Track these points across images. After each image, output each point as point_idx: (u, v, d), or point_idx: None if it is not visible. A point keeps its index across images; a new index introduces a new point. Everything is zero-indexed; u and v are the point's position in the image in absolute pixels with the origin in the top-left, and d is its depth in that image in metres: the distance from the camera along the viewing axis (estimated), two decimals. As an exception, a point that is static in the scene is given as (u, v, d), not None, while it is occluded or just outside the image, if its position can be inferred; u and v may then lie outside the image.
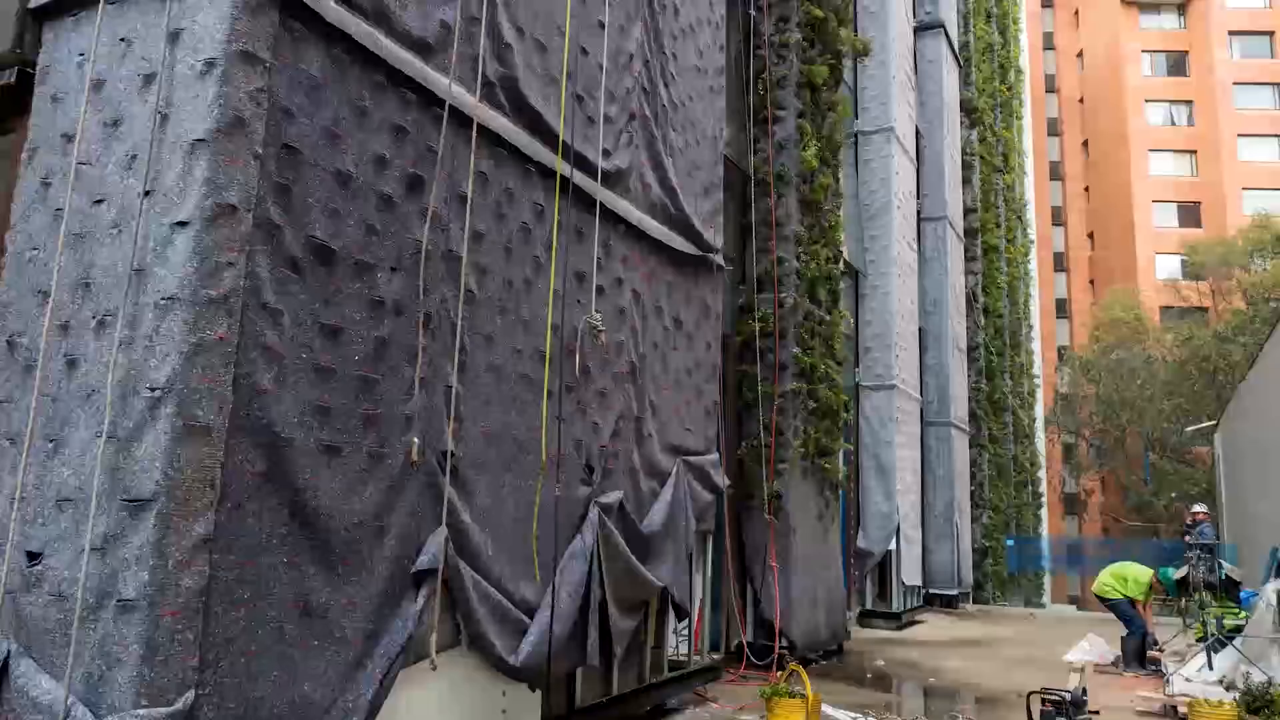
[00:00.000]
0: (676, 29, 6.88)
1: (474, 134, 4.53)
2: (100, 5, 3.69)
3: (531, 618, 4.75)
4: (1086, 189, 52.02)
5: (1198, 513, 11.51)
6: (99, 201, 3.48)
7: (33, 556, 3.22)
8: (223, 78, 3.35)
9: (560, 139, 5.21)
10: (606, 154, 5.77)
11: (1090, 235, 51.07)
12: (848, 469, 12.18)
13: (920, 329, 15.35)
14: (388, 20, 4.08)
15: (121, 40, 3.63)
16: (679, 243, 6.74)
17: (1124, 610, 10.17)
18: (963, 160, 18.49)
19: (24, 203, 3.71)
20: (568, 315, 5.29)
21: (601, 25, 5.80)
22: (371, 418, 3.86)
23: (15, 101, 3.94)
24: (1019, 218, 25.16)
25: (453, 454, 4.29)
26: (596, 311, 5.55)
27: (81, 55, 3.72)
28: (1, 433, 3.48)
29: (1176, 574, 10.54)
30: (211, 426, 3.15)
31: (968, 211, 18.78)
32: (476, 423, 4.51)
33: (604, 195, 5.71)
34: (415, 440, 4.04)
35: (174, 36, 3.48)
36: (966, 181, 18.86)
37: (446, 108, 4.34)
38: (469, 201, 4.50)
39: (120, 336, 3.24)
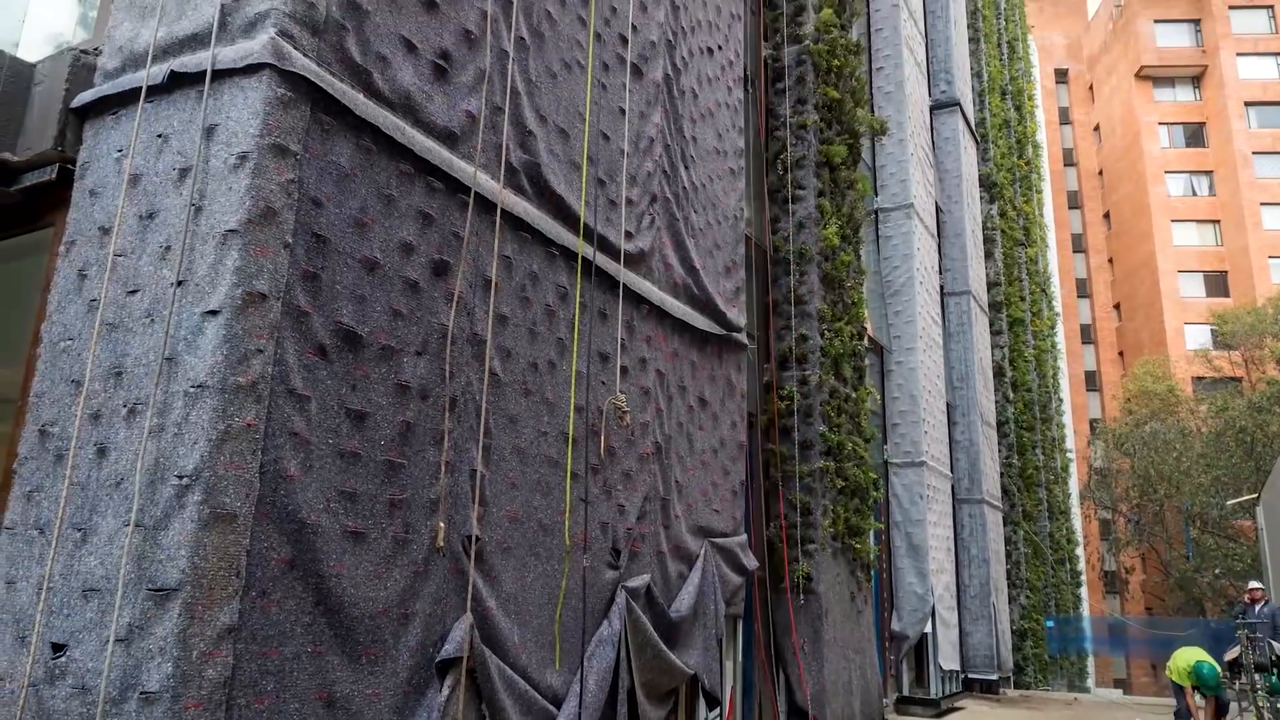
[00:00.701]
0: (696, 113, 7.03)
1: (498, 219, 4.61)
2: (140, 103, 3.82)
3: (559, 707, 4.63)
4: (1110, 260, 51.98)
5: (1254, 590, 11.16)
6: (133, 292, 3.55)
7: (57, 648, 3.20)
8: (255, 170, 3.44)
9: (582, 222, 5.29)
10: (629, 236, 5.85)
11: (1116, 306, 50.83)
12: (879, 549, 11.95)
13: (948, 404, 15.20)
14: (415, 112, 4.20)
15: (159, 136, 3.75)
16: (702, 322, 6.77)
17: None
18: (984, 234, 18.57)
19: (60, 294, 3.80)
20: (592, 396, 5.29)
21: (622, 111, 5.94)
22: (397, 503, 3.84)
23: (55, 196, 4.06)
24: (1043, 291, 25.11)
25: (477, 538, 4.26)
26: (621, 392, 5.55)
27: (120, 151, 3.84)
28: (31, 522, 3.50)
29: (1228, 655, 10.17)
30: (238, 514, 3.15)
31: (991, 285, 18.78)
32: (501, 506, 4.48)
33: (627, 276, 5.76)
34: (440, 525, 4.01)
35: (209, 132, 3.60)
36: (989, 255, 18.91)
37: (472, 194, 4.43)
38: (494, 285, 4.55)
39: (150, 425, 3.27)
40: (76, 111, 4.05)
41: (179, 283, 3.42)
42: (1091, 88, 55.84)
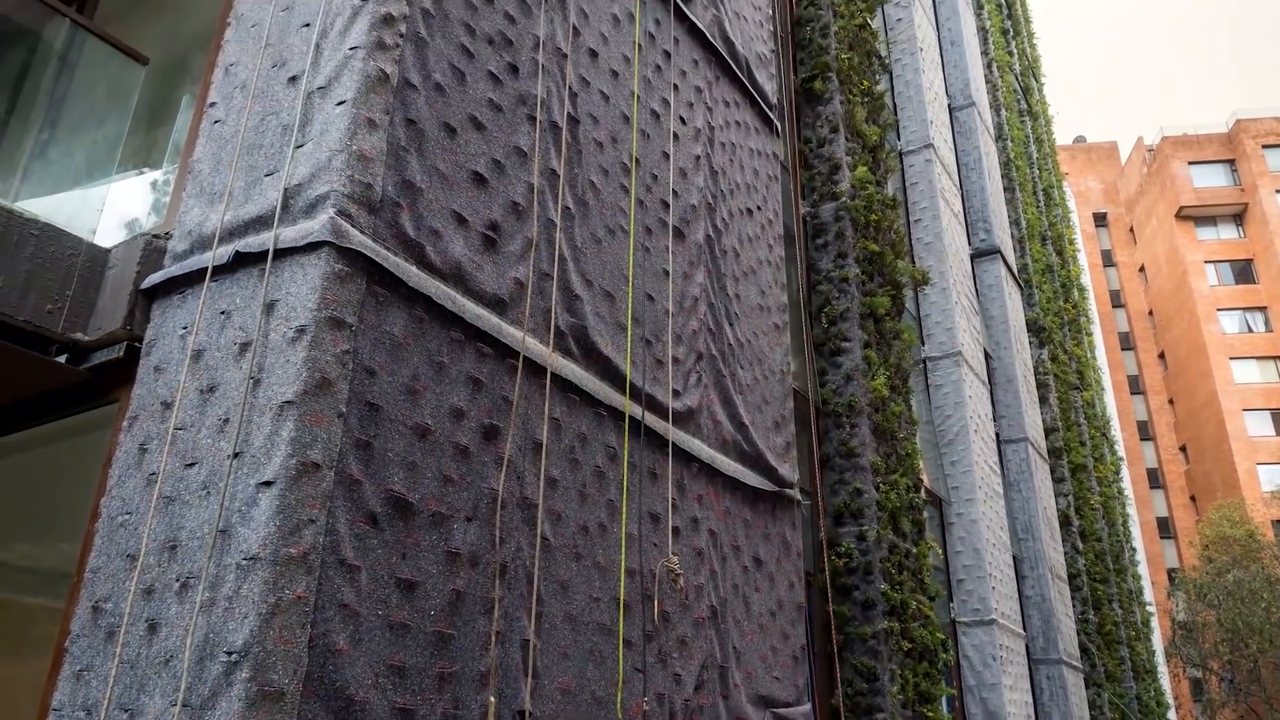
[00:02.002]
0: (738, 271, 7.18)
1: (548, 382, 4.67)
2: (205, 282, 4.01)
3: None
4: (1171, 401, 50.88)
5: None
6: (191, 464, 3.61)
7: (94, 839, 3.08)
8: (312, 342, 3.54)
9: (629, 382, 5.34)
10: (676, 394, 5.87)
11: (1183, 449, 49.32)
12: (952, 716, 11.25)
13: (1014, 557, 14.62)
14: (465, 281, 4.34)
15: (222, 313, 3.90)
16: (754, 479, 6.68)
17: None
18: (1037, 380, 18.35)
19: (120, 468, 3.87)
20: (644, 559, 5.18)
21: (666, 273, 6.09)
22: (446, 676, 3.73)
23: (122, 373, 4.21)
24: (1103, 435, 24.52)
25: (530, 714, 4.09)
26: (673, 554, 5.43)
27: (185, 328, 4.00)
28: (79, 703, 3.44)
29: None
30: (285, 691, 3.07)
31: (1048, 431, 18.39)
32: (553, 678, 4.33)
33: (675, 435, 5.74)
34: (491, 700, 3.87)
35: (269, 307, 3.74)
36: (1043, 401, 18.62)
37: (521, 359, 4.50)
38: (543, 448, 4.56)
39: (202, 599, 3.25)
40: (146, 292, 4.25)
41: (235, 454, 3.47)
42: (1132, 230, 56.31)
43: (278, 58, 4.45)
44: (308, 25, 4.40)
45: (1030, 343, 18.74)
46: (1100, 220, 57.80)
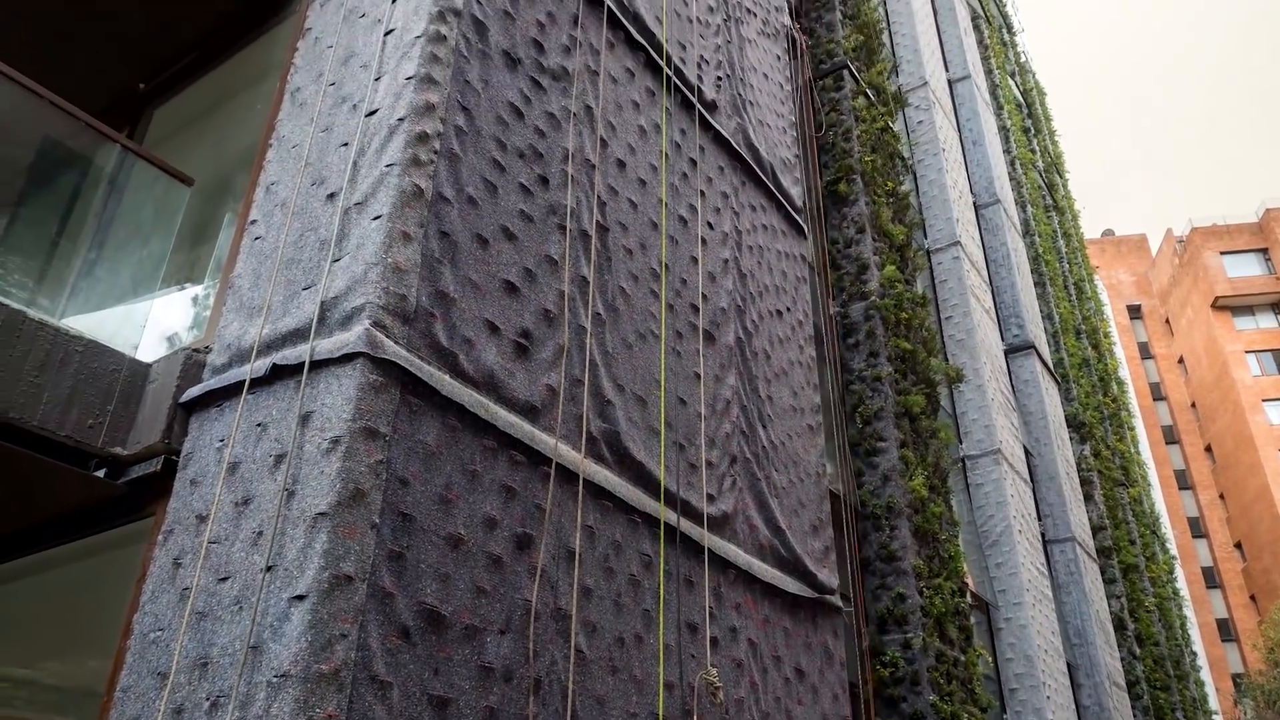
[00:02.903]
0: (770, 373, 7.16)
1: (580, 489, 4.63)
2: (243, 395, 4.06)
3: None
4: (1221, 496, 49.40)
5: None
6: (224, 579, 3.59)
7: None
8: (346, 453, 3.55)
9: (663, 487, 5.28)
10: (711, 498, 5.79)
11: (1238, 545, 47.64)
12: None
13: (1068, 664, 14.02)
14: (498, 389, 4.36)
15: (258, 425, 3.94)
16: (792, 585, 6.51)
17: None
18: (1080, 477, 17.93)
19: (154, 583, 3.85)
20: (683, 671, 5.02)
21: (697, 376, 6.08)
22: (478, 798, 3.59)
23: (158, 487, 4.24)
24: (1154, 533, 23.77)
25: (564, 837, 3.91)
26: (712, 666, 5.26)
27: (221, 441, 4.03)
28: (101, 830, 3.34)
29: None
30: (311, 816, 2.96)
31: (1096, 530, 17.87)
32: (590, 798, 4.15)
33: (711, 541, 5.64)
34: (524, 822, 3.71)
35: (305, 419, 3.77)
36: (1088, 499, 18.15)
37: (554, 465, 4.48)
38: (577, 556, 4.49)
39: (232, 719, 3.18)
40: (184, 405, 4.31)
41: (269, 568, 3.45)
42: (1168, 321, 55.81)
43: (317, 176, 4.61)
44: (346, 144, 4.56)
45: (1071, 438, 18.40)
46: (1135, 312, 57.42)
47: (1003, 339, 16.50)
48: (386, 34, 4.83)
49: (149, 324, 5.08)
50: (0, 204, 4.64)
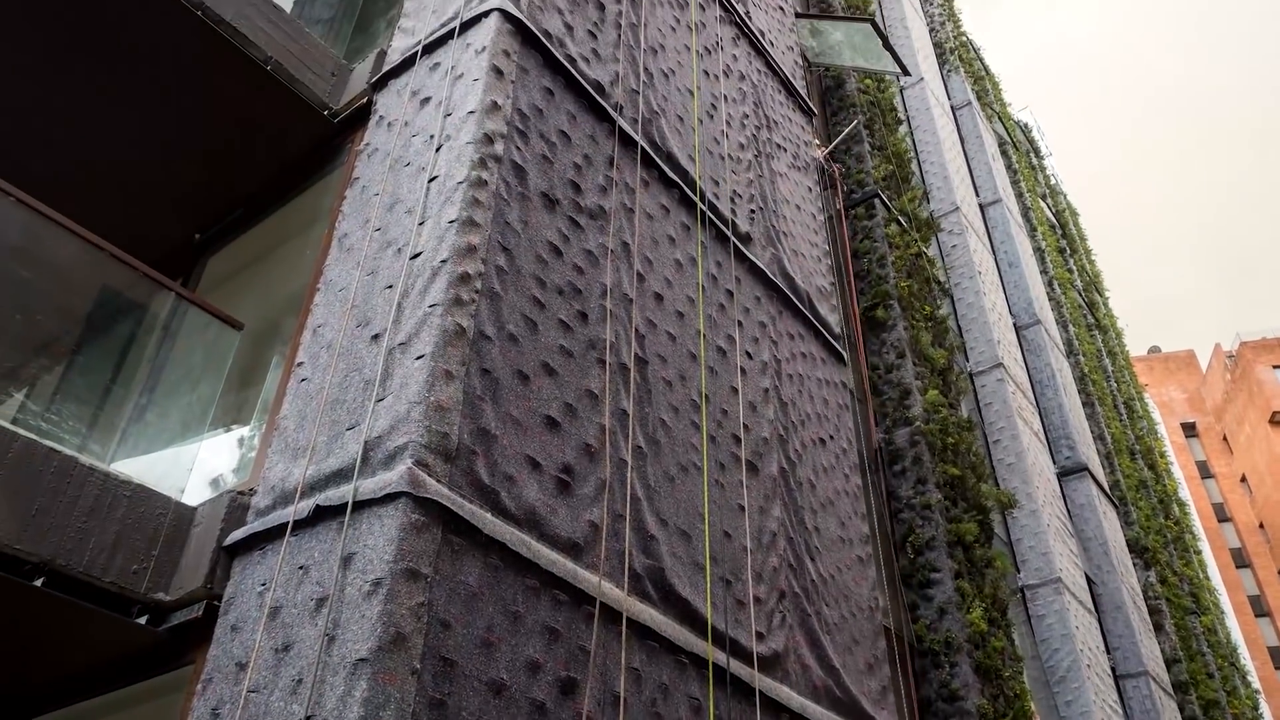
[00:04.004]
0: (816, 503, 7.02)
1: (624, 629, 4.49)
2: (285, 537, 4.04)
3: None
4: (1300, 623, 46.80)
5: None
6: (259, 730, 3.48)
7: None
8: (388, 596, 3.49)
9: (710, 626, 5.10)
10: (760, 636, 5.58)
11: (1323, 676, 44.79)
12: None
13: (1151, 808, 13.01)
14: (539, 525, 4.30)
15: (300, 568, 3.90)
16: (850, 726, 6.18)
17: None
18: (1148, 605, 17.11)
19: (190, 736, 3.76)
20: (736, 824, 4.73)
21: (742, 508, 5.97)
22: None
23: (199, 633, 4.18)
24: (1232, 664, 22.43)
25: None
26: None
27: (263, 585, 3.99)
28: None
29: None
30: None
31: (1170, 663, 16.90)
32: None
33: (763, 682, 5.40)
34: None
35: (346, 561, 3.73)
36: (1159, 629, 17.25)
37: (598, 605, 4.36)
38: (622, 701, 4.31)
39: None
40: (228, 549, 4.30)
41: (308, 718, 3.35)
42: (1225, 438, 54.28)
43: (362, 318, 4.72)
44: (390, 287, 4.69)
45: (1134, 565, 17.66)
46: (1190, 430, 56.00)
47: (1054, 462, 16.10)
48: (430, 180, 5.03)
49: (195, 466, 5.14)
50: (58, 352, 4.80)
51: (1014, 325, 17.13)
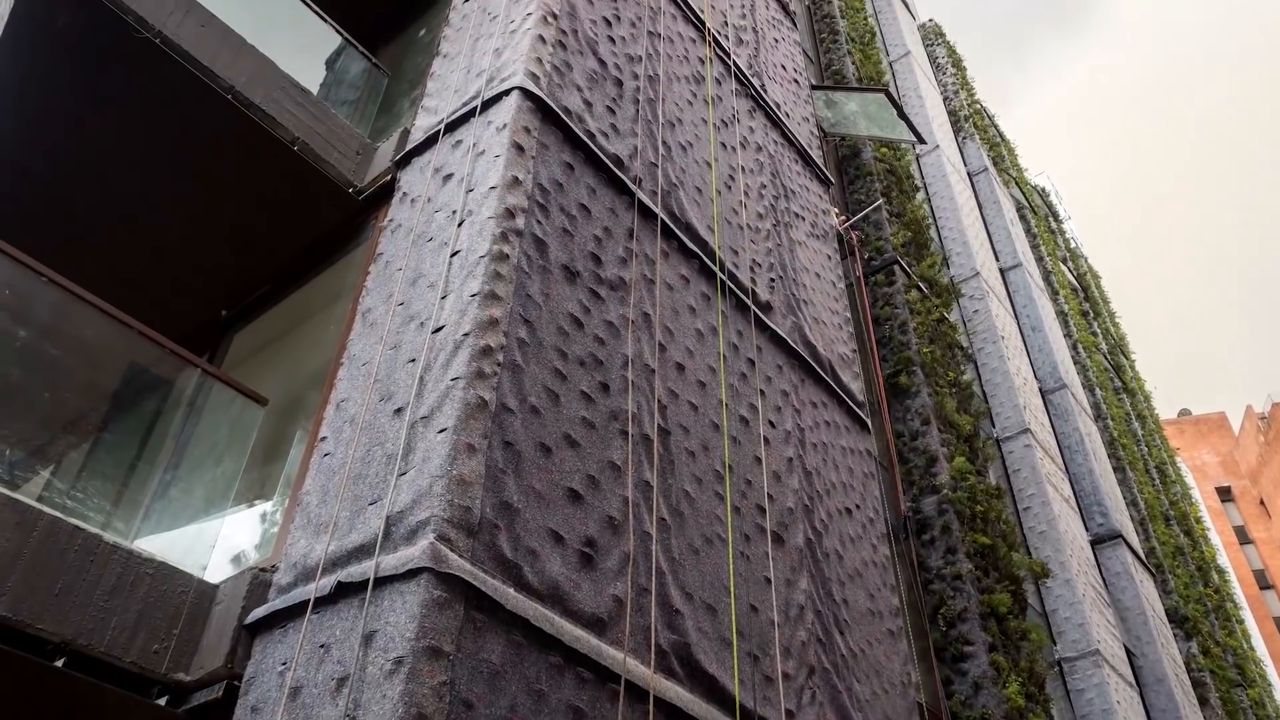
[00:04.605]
0: (843, 575, 6.88)
1: (650, 708, 4.37)
2: (306, 615, 4.00)
3: None
4: (1353, 695, 45.04)
5: None
6: (276, 817, 3.40)
7: None
8: (409, 675, 3.43)
9: (738, 703, 4.97)
10: (790, 715, 5.42)
11: (1379, 751, 42.89)
12: None
13: None
14: (563, 601, 4.23)
15: (321, 646, 3.85)
16: (886, 809, 5.96)
17: None
18: (1191, 678, 16.54)
19: (206, 822, 3.67)
20: None
21: (768, 581, 5.86)
22: None
23: (219, 714, 4.11)
24: (1282, 739, 21.56)
25: None
26: None
27: (284, 665, 3.94)
28: None
29: None
30: None
31: (1217, 737, 16.28)
32: None
33: (794, 760, 5.23)
34: None
35: (368, 639, 3.67)
36: (1204, 703, 16.65)
37: (623, 683, 4.26)
38: (649, 783, 4.18)
39: None
40: (249, 627, 4.25)
41: (323, 804, 3.26)
42: (1263, 502, 53.05)
43: (385, 392, 4.74)
44: (413, 361, 4.71)
45: (1175, 635, 17.13)
46: (1225, 495, 54.81)
47: (1086, 529, 15.77)
48: (453, 255, 5.09)
49: (218, 543, 5.12)
50: (85, 430, 4.84)
51: (1039, 390, 16.96)
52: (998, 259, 19.33)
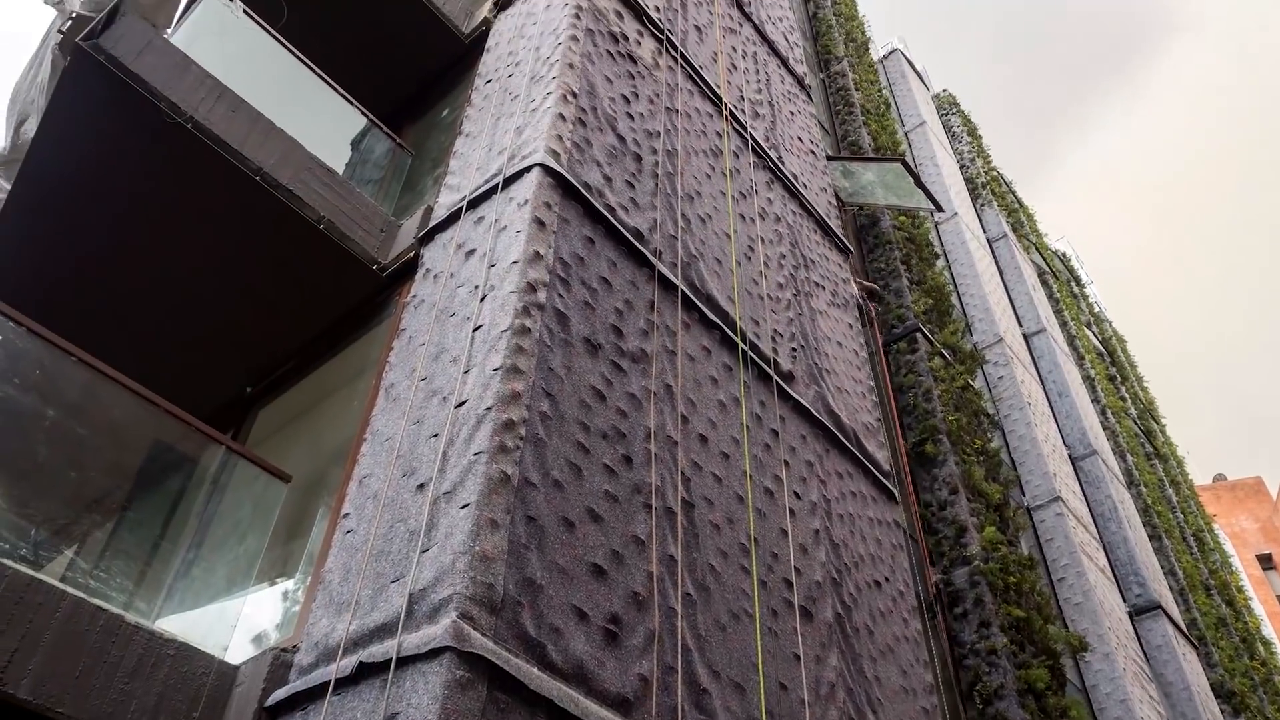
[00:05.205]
0: (874, 651, 6.71)
1: (679, 792, 4.23)
2: (327, 696, 3.92)
3: None
4: None
5: None
6: None
7: None
8: (428, 761, 3.34)
9: (771, 786, 4.80)
10: (824, 797, 5.23)
11: None
12: None
13: None
14: (588, 680, 4.14)
15: (341, 731, 3.77)
16: None
17: None
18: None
19: None
20: None
21: (797, 658, 5.72)
22: None
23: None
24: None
25: None
26: None
27: (303, 748, 3.85)
28: None
29: None
30: None
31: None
32: None
33: None
34: None
35: (388, 722, 3.59)
36: (1255, 781, 15.96)
37: (648, 766, 4.13)
38: None
39: None
40: (270, 709, 4.18)
41: None
42: (1298, 556, 51.57)
43: (408, 467, 4.72)
44: (436, 435, 4.71)
45: (1223, 711, 16.50)
46: (1266, 562, 53.30)
47: (1124, 600, 15.35)
48: (475, 329, 5.12)
49: (240, 622, 5.07)
50: (109, 508, 4.85)
51: (1069, 457, 16.71)
52: (1021, 324, 19.25)
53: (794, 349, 7.95)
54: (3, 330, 4.58)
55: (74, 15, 6.89)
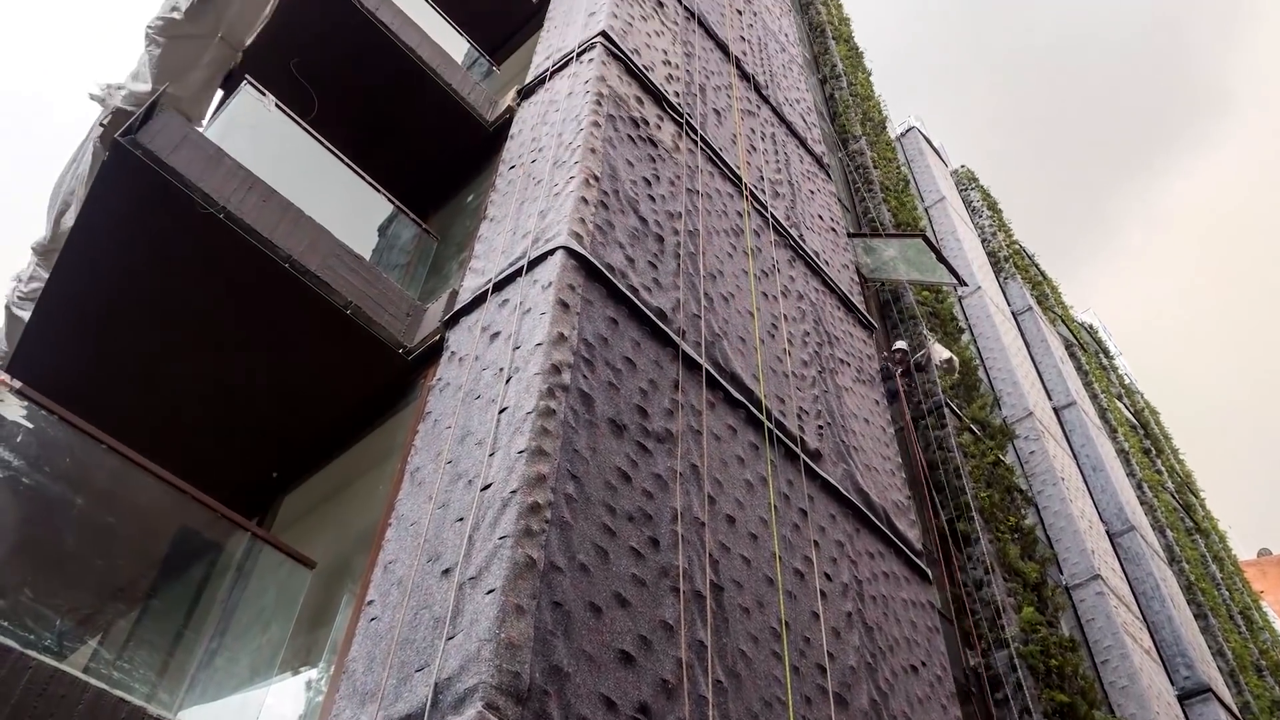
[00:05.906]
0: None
1: None
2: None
3: None
4: None
5: None
6: None
7: None
8: None
9: None
10: None
11: None
12: None
13: None
14: (616, 775, 4.00)
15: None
16: None
17: None
18: None
19: None
20: None
21: (835, 747, 5.51)
22: None
23: None
24: None
25: None
26: None
27: None
28: None
29: None
30: None
31: None
32: None
33: None
34: None
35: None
36: None
37: None
38: None
39: None
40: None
41: None
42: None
43: (433, 552, 4.67)
44: (461, 520, 4.66)
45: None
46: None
47: (1172, 683, 14.78)
48: (500, 412, 5.11)
49: (262, 713, 4.97)
50: (134, 597, 4.81)
51: (1107, 533, 16.31)
52: (1050, 398, 19.03)
53: (820, 426, 7.87)
54: (34, 419, 4.62)
55: (115, 110, 7.13)
